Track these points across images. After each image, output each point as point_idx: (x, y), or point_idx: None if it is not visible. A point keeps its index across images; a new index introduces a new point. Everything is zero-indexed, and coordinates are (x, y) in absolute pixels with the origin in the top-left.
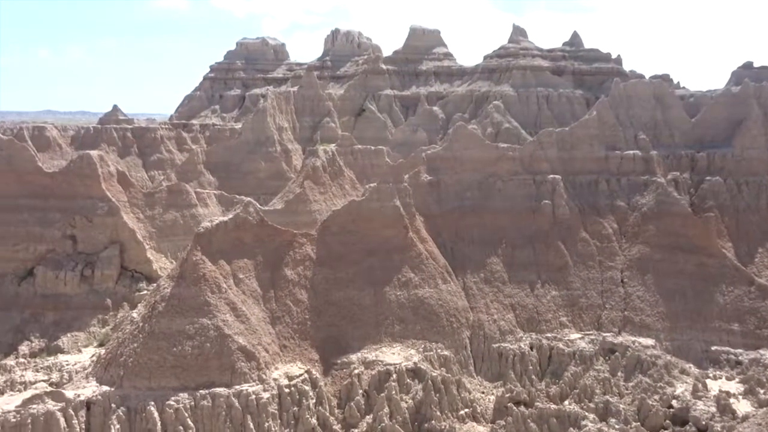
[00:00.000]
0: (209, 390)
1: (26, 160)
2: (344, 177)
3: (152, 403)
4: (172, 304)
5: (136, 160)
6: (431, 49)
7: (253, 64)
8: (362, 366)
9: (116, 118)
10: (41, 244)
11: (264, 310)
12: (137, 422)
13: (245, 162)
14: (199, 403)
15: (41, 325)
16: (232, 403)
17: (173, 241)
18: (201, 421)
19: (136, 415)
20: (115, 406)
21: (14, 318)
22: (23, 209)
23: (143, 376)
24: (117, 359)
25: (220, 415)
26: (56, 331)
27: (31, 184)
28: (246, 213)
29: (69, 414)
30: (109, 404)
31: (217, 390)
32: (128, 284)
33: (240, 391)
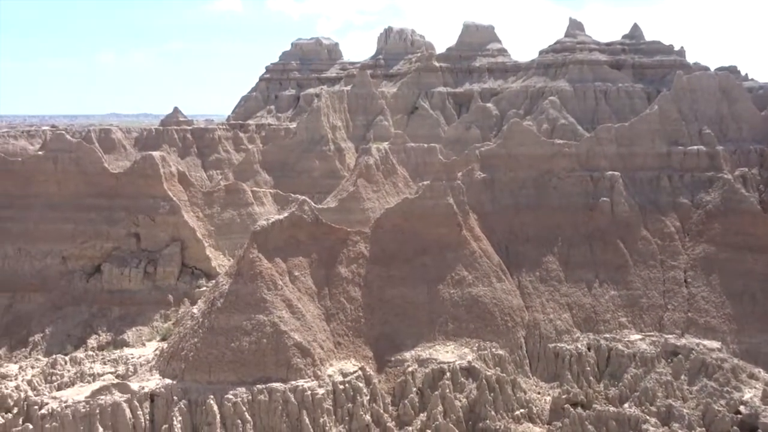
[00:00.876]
0: (266, 385)
1: (94, 161)
2: (397, 175)
3: (212, 396)
4: (230, 300)
5: (195, 160)
6: (485, 46)
7: (307, 64)
8: (416, 364)
9: (177, 119)
10: (107, 241)
11: (319, 307)
12: (197, 415)
13: (300, 161)
14: (257, 397)
15: (108, 320)
16: (288, 398)
17: (231, 239)
18: (258, 415)
19: (197, 408)
20: (177, 398)
21: (83, 313)
22: (91, 208)
23: (203, 370)
24: (178, 353)
25: (277, 409)
26: (122, 326)
27: (98, 184)
28: (301, 211)
29: (134, 405)
30: (172, 397)
31: (273, 385)
32: (188, 281)
33: (296, 386)
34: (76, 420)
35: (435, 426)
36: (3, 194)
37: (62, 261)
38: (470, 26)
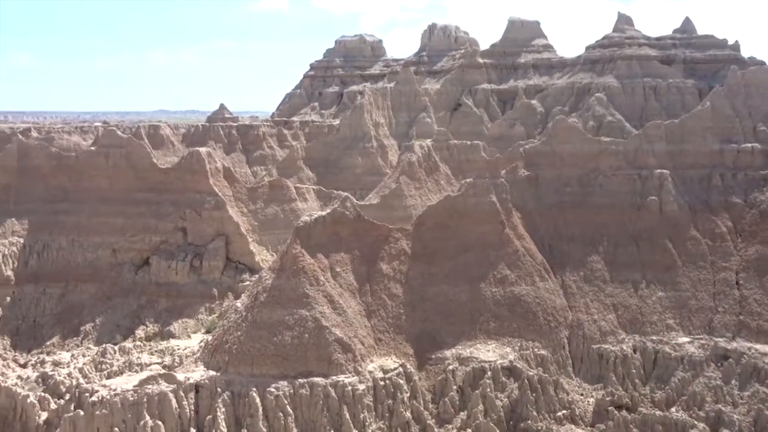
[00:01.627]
0: (307, 379)
1: (143, 157)
2: (440, 172)
3: (254, 389)
4: (272, 295)
5: (240, 156)
6: (530, 41)
7: (351, 61)
8: (456, 362)
9: (222, 116)
10: (156, 235)
11: (360, 303)
12: (240, 407)
13: (343, 158)
14: (298, 391)
15: (155, 311)
16: (329, 393)
17: (274, 235)
18: (299, 408)
19: (240, 400)
20: (220, 390)
21: (132, 304)
22: (140, 203)
23: (246, 363)
24: (222, 346)
25: (318, 404)
26: (168, 317)
27: (147, 179)
28: (343, 208)
29: (180, 395)
30: (216, 388)
31: (314, 379)
32: (233, 275)
33: (336, 381)
34: (124, 408)
35: (475, 425)
36: (58, 188)
37: (113, 253)
38: (515, 22)
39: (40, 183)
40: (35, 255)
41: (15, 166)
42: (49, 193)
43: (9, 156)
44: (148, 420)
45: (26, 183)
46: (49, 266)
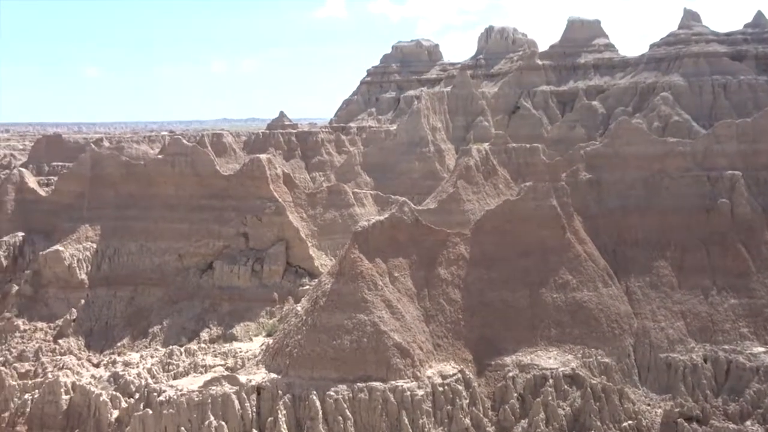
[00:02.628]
0: (366, 383)
1: (206, 164)
2: (498, 176)
3: (314, 392)
4: (332, 299)
5: (299, 163)
6: (591, 41)
7: (407, 66)
8: (517, 369)
9: (282, 123)
10: (219, 240)
11: (418, 308)
12: (301, 409)
13: (400, 162)
14: (357, 395)
15: (218, 315)
16: (388, 398)
17: (333, 239)
18: (359, 412)
19: (300, 403)
20: (281, 392)
21: (196, 307)
22: (204, 209)
23: (306, 366)
24: (283, 349)
25: (377, 408)
26: (231, 321)
27: (210, 185)
28: (401, 212)
29: (242, 397)
30: (277, 391)
31: (373, 384)
32: (293, 279)
33: (395, 386)
34: (190, 408)
35: None
36: (127, 195)
37: (178, 258)
38: (575, 22)
39: (111, 190)
40: (107, 259)
41: (88, 174)
42: (119, 200)
43: (83, 165)
44: (212, 420)
45: (98, 190)
46: (119, 270)
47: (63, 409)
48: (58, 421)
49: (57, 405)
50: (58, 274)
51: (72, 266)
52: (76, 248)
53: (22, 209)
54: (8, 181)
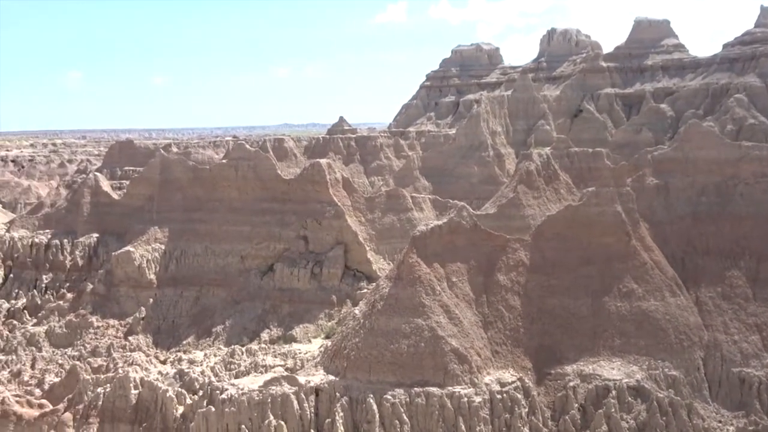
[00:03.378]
0: (423, 388)
1: (268, 168)
2: (559, 181)
3: (371, 395)
4: (389, 303)
5: (358, 167)
6: (659, 42)
7: (467, 70)
8: (578, 378)
9: (342, 128)
10: (279, 243)
11: (476, 314)
12: (358, 412)
13: (458, 167)
14: (414, 400)
15: (278, 316)
16: (445, 404)
17: (391, 244)
18: (415, 417)
19: (357, 405)
20: (339, 394)
21: (257, 308)
22: (266, 212)
23: (364, 369)
24: (341, 352)
25: (433, 414)
26: (291, 322)
27: (272, 189)
28: (459, 217)
29: (301, 398)
30: (335, 392)
31: (430, 389)
32: (351, 282)
33: (452, 392)
34: (250, 406)
35: None
36: (193, 198)
37: (241, 260)
38: (642, 22)
39: (178, 194)
40: (174, 260)
41: (157, 178)
42: (186, 203)
43: (153, 169)
44: (271, 420)
45: (167, 194)
46: (185, 271)
47: (132, 404)
48: (127, 414)
49: (127, 399)
50: (128, 274)
51: (142, 266)
52: (145, 249)
53: (97, 212)
54: (84, 185)
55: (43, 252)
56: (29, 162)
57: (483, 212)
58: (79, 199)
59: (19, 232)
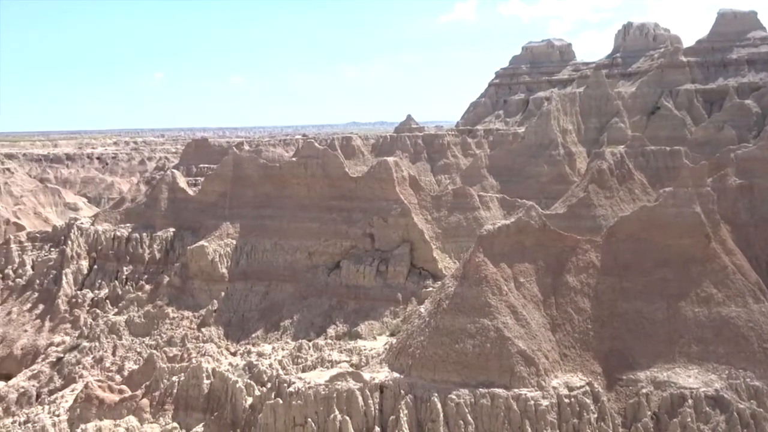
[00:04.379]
0: (488, 389)
1: (336, 166)
2: (634, 180)
3: (435, 394)
4: (455, 302)
5: (425, 165)
6: (744, 34)
7: (537, 67)
8: (651, 386)
9: (409, 126)
10: (346, 240)
11: (544, 315)
12: (423, 410)
13: (527, 166)
14: (479, 401)
15: (344, 312)
16: (511, 406)
17: (457, 242)
18: (480, 418)
19: (422, 404)
20: (403, 392)
21: (324, 304)
22: (333, 209)
23: (428, 368)
24: (406, 350)
25: (499, 415)
26: (356, 319)
27: (339, 187)
28: (528, 217)
29: (366, 394)
30: (399, 390)
31: (496, 390)
32: (416, 281)
33: (519, 394)
34: (317, 400)
35: None
36: (264, 195)
37: (308, 256)
38: (727, 14)
39: (249, 190)
40: (245, 255)
41: (230, 175)
42: (256, 200)
43: (226, 167)
44: (337, 414)
45: (239, 190)
46: (255, 266)
47: (204, 393)
48: (200, 403)
49: (199, 388)
50: (202, 268)
51: (214, 261)
52: (218, 244)
53: (174, 207)
54: (162, 182)
55: (124, 245)
56: (112, 159)
57: (552, 212)
58: (157, 194)
59: (103, 226)
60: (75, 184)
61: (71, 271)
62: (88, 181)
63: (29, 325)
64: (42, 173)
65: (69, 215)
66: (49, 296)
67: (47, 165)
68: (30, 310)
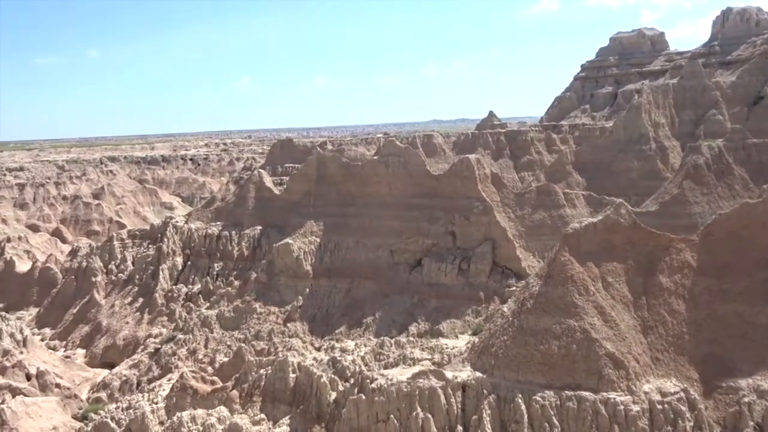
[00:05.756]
0: (575, 392)
1: (418, 164)
2: (733, 176)
3: (519, 395)
4: (539, 302)
5: (508, 162)
6: None
7: (627, 58)
8: (754, 394)
9: (491, 123)
10: (428, 238)
11: (634, 317)
12: (506, 411)
13: (615, 161)
14: (565, 403)
15: (426, 310)
16: (599, 410)
17: (541, 241)
18: (566, 421)
19: (505, 405)
20: (486, 392)
21: (406, 301)
22: (415, 207)
23: (512, 369)
24: (488, 349)
25: (586, 419)
26: (438, 317)
27: (421, 185)
28: (617, 214)
29: (448, 392)
30: (482, 390)
31: (583, 393)
32: (499, 279)
33: (607, 398)
34: (399, 397)
35: None
36: (346, 194)
37: (390, 254)
38: None
39: (333, 189)
40: (328, 253)
41: (314, 174)
42: (340, 198)
43: (310, 166)
44: (419, 412)
45: (322, 189)
46: (338, 263)
47: (290, 386)
48: (286, 396)
49: (286, 382)
50: (287, 265)
51: (299, 258)
52: (303, 242)
53: (261, 206)
54: (250, 181)
55: (215, 242)
56: (204, 160)
57: (643, 209)
58: (245, 194)
59: (196, 224)
60: (170, 185)
61: (167, 267)
62: (181, 181)
63: (130, 317)
64: (141, 174)
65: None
66: (147, 290)
67: (145, 167)
68: (131, 303)
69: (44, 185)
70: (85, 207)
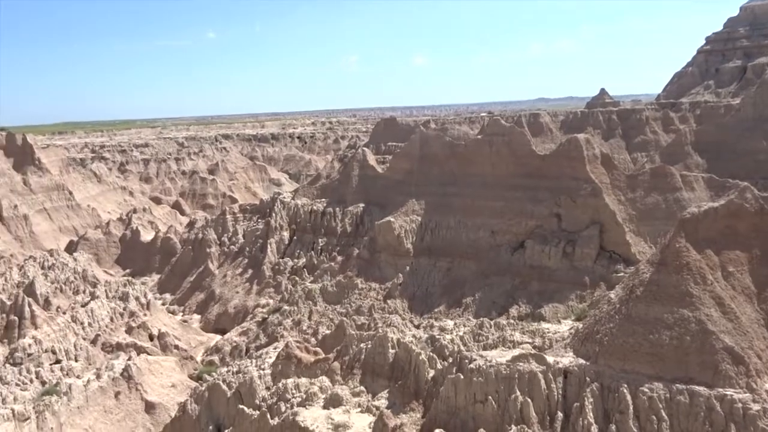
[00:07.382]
0: (687, 386)
1: (523, 144)
2: None
3: (625, 385)
4: (650, 290)
5: (619, 142)
6: None
7: (759, 29)
8: None
9: (602, 101)
10: (531, 219)
11: (758, 310)
12: (609, 400)
13: (741, 141)
14: (675, 397)
15: (528, 293)
16: (713, 407)
17: (653, 226)
18: (676, 416)
19: (609, 394)
20: (589, 380)
21: (506, 284)
22: (518, 188)
23: (617, 357)
24: (593, 336)
25: (699, 415)
26: (540, 300)
27: (525, 165)
28: (742, 199)
29: (549, 378)
30: (584, 377)
31: (695, 388)
32: (606, 264)
33: (723, 395)
34: (498, 380)
35: None
36: (449, 173)
37: (491, 234)
38: None
39: (435, 168)
40: (429, 232)
41: (417, 153)
42: (442, 178)
43: (413, 145)
44: (518, 395)
45: (425, 168)
46: (439, 242)
47: (389, 362)
48: (385, 371)
49: (385, 357)
50: (389, 242)
51: (400, 236)
52: (404, 220)
53: (364, 184)
54: (354, 159)
55: (319, 218)
56: (310, 138)
57: None
58: (349, 171)
59: (302, 200)
60: (278, 161)
61: (275, 241)
62: (289, 158)
63: (240, 287)
64: (251, 152)
65: (273, 190)
66: (256, 262)
67: (256, 144)
68: (241, 274)
69: (166, 161)
70: (201, 182)
